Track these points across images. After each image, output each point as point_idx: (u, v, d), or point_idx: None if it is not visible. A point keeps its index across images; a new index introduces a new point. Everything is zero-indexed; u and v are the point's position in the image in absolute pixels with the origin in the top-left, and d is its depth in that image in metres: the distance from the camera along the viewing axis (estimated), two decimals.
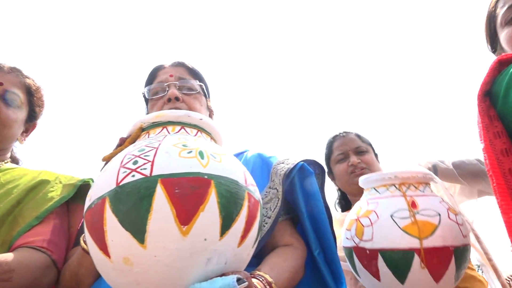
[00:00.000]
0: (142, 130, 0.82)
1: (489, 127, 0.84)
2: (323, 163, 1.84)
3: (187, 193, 0.62)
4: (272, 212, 1.06)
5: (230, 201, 0.66)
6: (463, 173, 1.45)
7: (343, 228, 1.07)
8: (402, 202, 0.95)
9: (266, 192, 1.11)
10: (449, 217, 0.93)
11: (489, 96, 0.88)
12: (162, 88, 1.27)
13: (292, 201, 1.15)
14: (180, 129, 0.80)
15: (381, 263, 0.91)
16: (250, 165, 1.18)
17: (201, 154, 0.69)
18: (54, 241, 1.03)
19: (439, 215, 0.92)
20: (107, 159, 0.79)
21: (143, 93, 1.35)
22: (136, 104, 1.46)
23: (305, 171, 1.17)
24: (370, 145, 1.79)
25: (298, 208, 1.11)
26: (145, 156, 0.67)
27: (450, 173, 1.41)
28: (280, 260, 0.92)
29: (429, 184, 1.04)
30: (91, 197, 0.68)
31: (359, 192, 1.21)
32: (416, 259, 0.87)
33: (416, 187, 1.00)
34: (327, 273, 1.05)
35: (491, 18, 1.10)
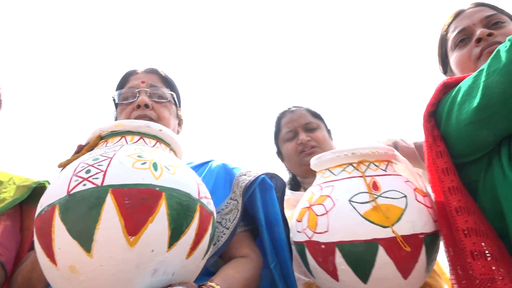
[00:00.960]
0: (101, 138, 0.83)
1: (433, 146, 0.88)
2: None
3: (137, 204, 0.63)
4: (231, 223, 1.07)
5: (181, 213, 0.67)
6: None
7: (294, 219, 0.94)
8: (362, 184, 0.82)
9: (227, 203, 1.13)
10: (416, 199, 0.81)
11: (434, 116, 0.92)
12: (132, 94, 1.27)
13: (252, 213, 1.16)
14: (139, 139, 0.81)
15: (339, 259, 0.78)
16: (214, 176, 1.20)
17: (155, 165, 0.70)
18: (3, 243, 1.01)
19: (406, 197, 0.80)
20: (63, 166, 0.79)
21: (113, 97, 1.35)
22: (103, 107, 1.46)
23: (266, 184, 1.19)
24: (323, 120, 1.62)
25: (257, 220, 1.13)
26: (98, 165, 0.68)
27: (411, 154, 1.27)
28: (234, 271, 0.93)
29: (391, 162, 0.92)
30: (42, 203, 0.69)
31: (311, 173, 1.08)
32: (381, 252, 0.74)
33: (377, 166, 0.87)
34: (282, 286, 1.06)
35: (443, 41, 1.15)
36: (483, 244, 0.77)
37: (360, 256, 0.76)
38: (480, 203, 0.84)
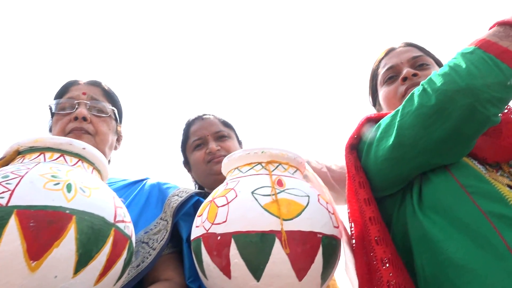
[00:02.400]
0: (19, 153, 0.79)
1: (355, 176, 0.91)
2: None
3: (43, 227, 0.61)
4: (158, 243, 1.06)
5: (91, 238, 0.65)
6: (335, 176, 1.32)
7: (196, 217, 0.89)
8: (267, 180, 0.81)
9: (157, 222, 1.11)
10: (319, 201, 0.81)
11: (356, 149, 0.96)
12: (70, 105, 1.23)
13: (185, 234, 1.15)
14: (59, 157, 0.78)
15: (233, 251, 0.73)
16: (146, 195, 1.18)
17: (69, 187, 0.68)
18: None
19: (308, 196, 0.80)
20: None
21: (49, 106, 1.30)
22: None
23: (201, 204, 1.19)
24: (234, 130, 1.56)
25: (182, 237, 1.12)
26: (6, 183, 0.65)
27: (321, 174, 1.24)
28: None
29: (301, 170, 0.92)
30: None
31: (219, 183, 1.06)
32: (277, 246, 0.72)
33: (285, 168, 0.86)
34: None
35: (374, 76, 1.22)
36: (397, 276, 0.81)
37: (256, 248, 0.73)
38: (393, 237, 0.89)
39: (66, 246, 0.62)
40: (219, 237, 0.75)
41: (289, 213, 0.75)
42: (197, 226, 0.83)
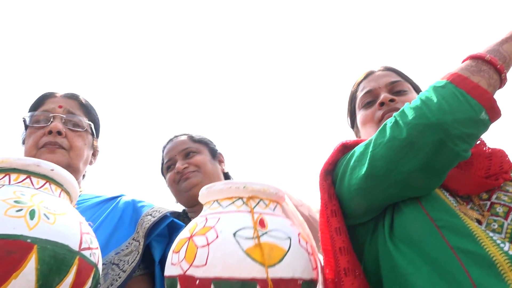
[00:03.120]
0: None
1: (328, 204, 0.91)
2: None
3: (2, 257, 0.59)
4: (129, 265, 1.03)
5: (53, 267, 0.63)
6: (312, 218, 1.26)
7: (170, 249, 0.86)
8: (249, 219, 0.79)
9: (129, 243, 1.09)
10: (299, 243, 0.81)
11: (331, 175, 0.96)
12: (45, 118, 1.20)
13: (158, 255, 1.13)
14: (25, 179, 0.76)
15: None
16: (119, 213, 1.15)
17: (32, 213, 0.66)
18: None
19: (290, 239, 0.79)
20: None
21: (23, 118, 1.26)
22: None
23: (175, 224, 1.17)
24: (206, 144, 1.54)
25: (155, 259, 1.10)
26: None
27: (300, 211, 1.14)
28: None
29: (281, 204, 0.92)
30: None
31: (195, 201, 1.01)
32: None
33: (266, 204, 0.85)
34: None
35: (353, 98, 1.21)
36: None
37: None
38: (365, 265, 0.89)
39: (25, 277, 0.60)
40: (197, 281, 0.72)
41: (271, 258, 0.73)
42: (173, 264, 0.79)
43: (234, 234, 0.75)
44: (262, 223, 0.79)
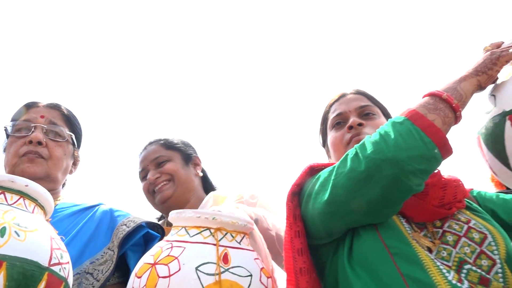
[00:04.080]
0: None
1: (293, 225, 0.95)
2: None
3: None
4: (103, 275, 1.07)
5: (21, 284, 0.67)
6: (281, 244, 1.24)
7: (133, 273, 0.89)
8: (213, 253, 0.81)
9: (104, 252, 1.12)
10: (260, 280, 0.84)
11: (298, 196, 1.00)
12: (27, 127, 1.23)
13: (134, 265, 1.16)
14: None
15: None
16: (96, 222, 1.19)
17: (2, 231, 0.69)
18: None
19: (251, 276, 0.82)
20: None
21: (5, 127, 1.29)
22: None
23: (150, 235, 1.21)
24: (179, 150, 1.52)
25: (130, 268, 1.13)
26: None
27: (268, 237, 1.22)
28: None
29: (248, 234, 0.94)
30: None
31: (169, 210, 1.04)
32: None
33: (233, 237, 0.88)
34: None
35: (325, 118, 1.26)
36: None
37: None
38: (325, 285, 0.93)
39: None
40: None
41: None
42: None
43: (197, 268, 0.77)
44: (225, 258, 0.83)
